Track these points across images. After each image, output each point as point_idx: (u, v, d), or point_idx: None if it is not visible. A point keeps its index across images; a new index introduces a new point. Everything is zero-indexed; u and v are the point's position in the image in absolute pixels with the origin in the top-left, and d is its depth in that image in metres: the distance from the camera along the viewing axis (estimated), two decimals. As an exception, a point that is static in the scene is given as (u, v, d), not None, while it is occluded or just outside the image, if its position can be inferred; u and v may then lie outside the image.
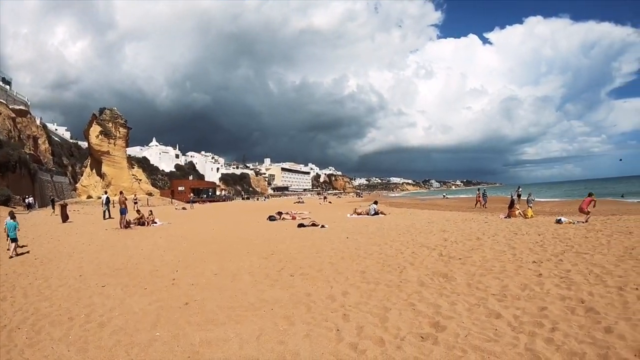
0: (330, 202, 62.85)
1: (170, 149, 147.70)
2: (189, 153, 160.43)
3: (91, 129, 69.18)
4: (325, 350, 4.52)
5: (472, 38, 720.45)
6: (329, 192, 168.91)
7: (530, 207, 23.16)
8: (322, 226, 18.82)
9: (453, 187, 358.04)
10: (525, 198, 28.16)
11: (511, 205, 22.22)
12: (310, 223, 19.83)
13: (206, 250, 12.55)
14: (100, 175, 70.30)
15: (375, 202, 29.12)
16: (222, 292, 7.28)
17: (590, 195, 17.87)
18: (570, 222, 16.28)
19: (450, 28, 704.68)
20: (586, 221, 16.42)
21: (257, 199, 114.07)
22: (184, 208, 51.94)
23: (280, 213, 26.46)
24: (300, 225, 19.45)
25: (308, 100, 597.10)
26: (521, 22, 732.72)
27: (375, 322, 5.36)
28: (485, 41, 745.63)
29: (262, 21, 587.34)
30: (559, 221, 16.59)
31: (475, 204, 34.79)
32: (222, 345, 4.78)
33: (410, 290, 6.93)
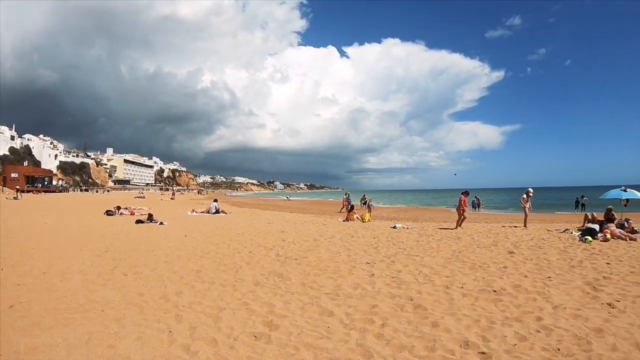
0: (172, 199, 61.19)
1: (5, 128, 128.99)
2: (26, 135, 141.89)
3: None
4: (157, 352, 4.31)
5: (331, 49, 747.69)
6: (175, 188, 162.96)
7: (370, 212, 24.70)
8: (161, 223, 18.70)
9: (297, 189, 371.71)
10: (363, 202, 30.09)
11: (350, 209, 23.43)
12: (149, 219, 19.45)
13: (36, 246, 11.47)
14: None
15: (215, 200, 29.56)
16: (51, 293, 6.61)
17: (466, 193, 19.26)
18: (404, 228, 17.66)
19: (312, 37, 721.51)
20: (460, 226, 18.08)
21: (97, 192, 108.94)
22: (15, 197, 48.47)
23: (118, 208, 25.61)
24: (139, 222, 19.14)
25: (160, 90, 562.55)
26: (379, 42, 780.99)
27: (208, 322, 5.27)
28: (343, 54, 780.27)
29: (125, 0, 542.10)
30: (394, 227, 17.86)
31: (341, 208, 35.68)
32: (48, 351, 4.31)
33: (245, 289, 6.96)
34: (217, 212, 26.40)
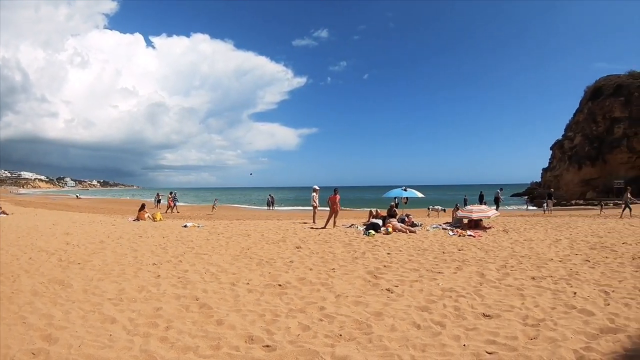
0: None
1: None
2: None
3: None
4: None
5: (138, 37, 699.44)
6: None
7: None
8: None
9: (89, 187, 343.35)
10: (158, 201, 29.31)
11: (141, 208, 22.57)
12: None
13: None
14: None
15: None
16: None
17: (335, 191, 18.21)
18: (195, 226, 17.57)
19: (119, 21, 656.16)
20: (335, 224, 17.56)
21: None
22: None
23: None
24: None
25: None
26: (188, 36, 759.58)
27: (-19, 344, 4.68)
28: (149, 44, 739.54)
29: None
30: (185, 226, 17.67)
31: (167, 209, 34.02)
32: None
33: (23, 301, 6.29)
34: (-4, 213, 23.50)
